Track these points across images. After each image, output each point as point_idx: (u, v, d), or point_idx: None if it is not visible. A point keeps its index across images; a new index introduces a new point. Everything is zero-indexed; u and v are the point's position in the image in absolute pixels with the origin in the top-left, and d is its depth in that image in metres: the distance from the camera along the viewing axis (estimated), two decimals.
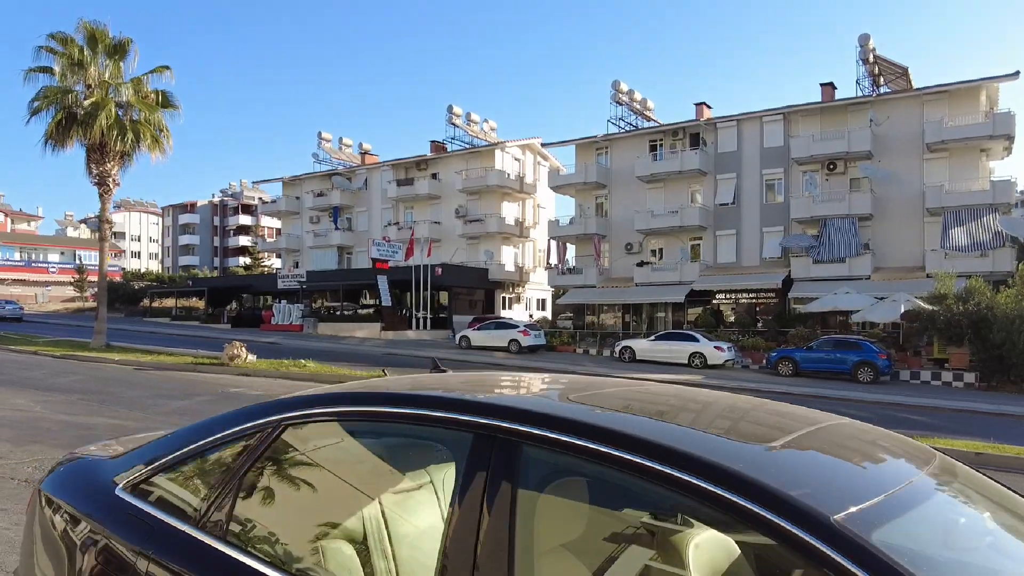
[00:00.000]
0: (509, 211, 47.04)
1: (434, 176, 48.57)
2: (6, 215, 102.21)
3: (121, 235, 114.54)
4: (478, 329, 33.30)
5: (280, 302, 43.97)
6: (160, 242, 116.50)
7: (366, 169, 52.41)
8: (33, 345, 24.08)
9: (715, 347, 26.90)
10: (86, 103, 21.35)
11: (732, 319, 36.72)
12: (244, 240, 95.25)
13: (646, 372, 23.92)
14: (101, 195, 23.09)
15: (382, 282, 37.82)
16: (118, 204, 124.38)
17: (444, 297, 42.78)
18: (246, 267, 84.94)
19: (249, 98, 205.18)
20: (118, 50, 21.99)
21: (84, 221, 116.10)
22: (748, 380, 22.94)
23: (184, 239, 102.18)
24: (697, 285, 36.17)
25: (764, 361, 28.19)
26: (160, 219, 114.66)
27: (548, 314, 53.02)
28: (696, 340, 27.34)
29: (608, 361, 28.86)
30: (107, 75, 22.09)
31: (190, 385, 15.59)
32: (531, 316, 50.59)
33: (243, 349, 18.66)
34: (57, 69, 21.26)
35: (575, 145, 43.11)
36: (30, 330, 34.59)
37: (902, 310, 26.36)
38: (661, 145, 40.59)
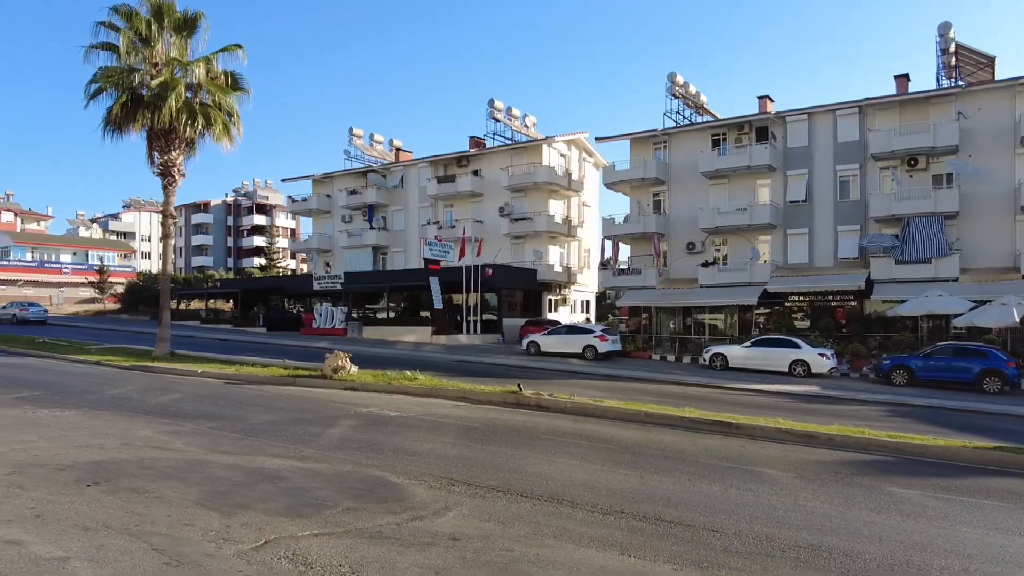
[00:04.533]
0: (556, 209, 44.94)
1: (475, 173, 46.43)
2: (16, 214, 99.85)
3: (131, 235, 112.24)
4: (548, 334, 31.24)
5: (322, 305, 41.80)
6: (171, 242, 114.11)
7: (402, 166, 50.24)
8: (89, 354, 22.01)
9: (819, 354, 24.93)
10: (153, 84, 19.18)
11: (806, 323, 34.65)
12: (259, 240, 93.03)
13: (748, 382, 21.92)
14: (165, 186, 20.96)
15: (434, 284, 35.68)
16: (127, 204, 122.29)
17: (489, 300, 40.66)
18: (261, 268, 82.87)
19: (267, 94, 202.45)
20: (187, 25, 19.85)
21: (95, 220, 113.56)
22: (869, 392, 20.94)
23: (197, 239, 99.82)
24: (771, 286, 34.12)
25: (867, 369, 26.22)
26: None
27: (592, 316, 51.02)
28: (798, 347, 25.33)
29: (697, 369, 26.81)
30: (173, 53, 19.93)
31: (314, 404, 13.56)
32: (588, 319, 48.57)
33: (347, 360, 16.61)
34: (122, 46, 19.06)
35: (630, 140, 41.04)
36: (61, 334, 32.53)
37: (1016, 315, 24.39)
38: (724, 140, 38.53)
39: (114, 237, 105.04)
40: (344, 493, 7.25)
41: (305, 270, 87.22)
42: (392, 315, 41.26)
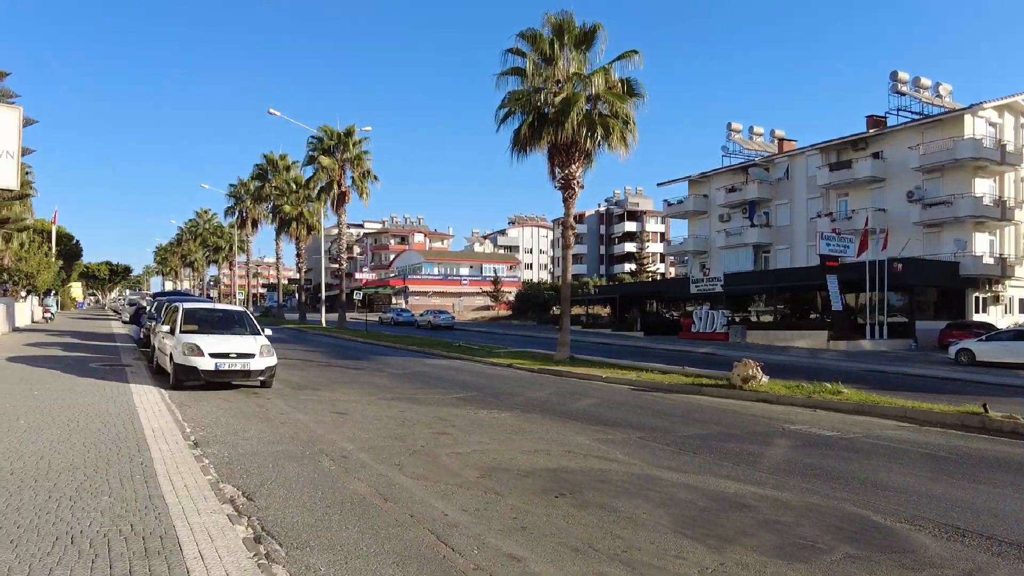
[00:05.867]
0: (983, 188, 37.28)
1: (876, 156, 40.93)
2: (425, 235, 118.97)
3: (516, 248, 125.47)
4: (985, 340, 25.68)
5: (702, 308, 40.79)
6: (549, 253, 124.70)
7: (786, 157, 46.78)
8: (498, 357, 23.93)
9: None
10: (556, 100, 20.13)
11: None
12: (629, 246, 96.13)
13: None
14: (565, 199, 21.91)
15: (832, 283, 32.08)
16: (512, 220, 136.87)
17: (893, 300, 35.22)
18: (631, 273, 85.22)
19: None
20: (585, 39, 20.49)
21: (486, 236, 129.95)
22: None
23: (573, 249, 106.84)
24: None
25: None
26: (549, 231, 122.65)
27: None
28: None
29: None
30: (572, 68, 20.73)
31: (733, 418, 12.44)
32: None
33: (758, 369, 15.13)
34: (528, 68, 20.41)
35: None
36: (468, 338, 36.47)
37: None
38: None
39: (501, 251, 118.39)
40: (831, 534, 5.96)
41: (673, 274, 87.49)
42: (775, 318, 38.35)
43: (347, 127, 42.20)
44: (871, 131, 41.93)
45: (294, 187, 52.34)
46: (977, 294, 37.90)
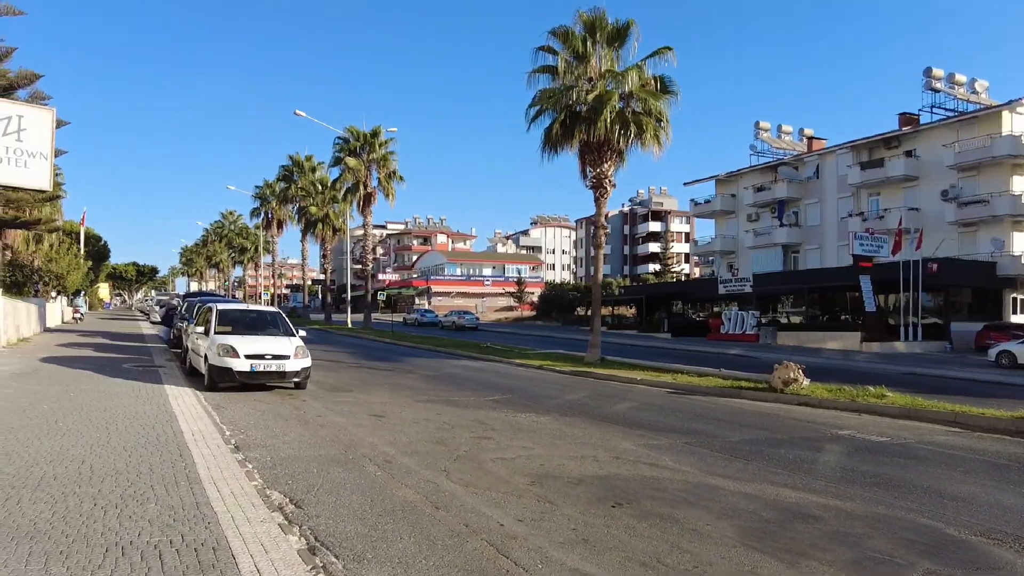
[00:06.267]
0: (1021, 186, 36.34)
1: (908, 154, 40.13)
2: (447, 236, 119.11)
3: (538, 249, 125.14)
4: None
5: (731, 309, 40.24)
6: (571, 253, 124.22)
7: (816, 156, 46.04)
8: (528, 358, 23.69)
9: None
10: (589, 98, 19.85)
11: None
12: (653, 247, 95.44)
13: None
14: (597, 198, 21.61)
15: (865, 283, 31.44)
16: (534, 220, 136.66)
17: (925, 301, 34.46)
18: (655, 274, 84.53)
19: None
20: (618, 36, 20.19)
21: (508, 237, 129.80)
22: None
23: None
24: None
25: None
26: (572, 232, 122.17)
27: None
28: None
29: None
30: (605, 65, 20.42)
31: (778, 422, 12.13)
32: None
33: (800, 372, 14.75)
34: (559, 66, 20.16)
35: None
36: (494, 339, 36.24)
37: None
38: None
39: (524, 251, 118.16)
40: (905, 547, 5.65)
41: (697, 274, 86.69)
42: (805, 319, 37.71)
43: (373, 128, 42.24)
44: (904, 129, 41.12)
45: (320, 188, 52.52)
46: (1015, 295, 37.00)
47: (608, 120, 19.34)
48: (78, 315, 45.91)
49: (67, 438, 8.45)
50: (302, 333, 14.81)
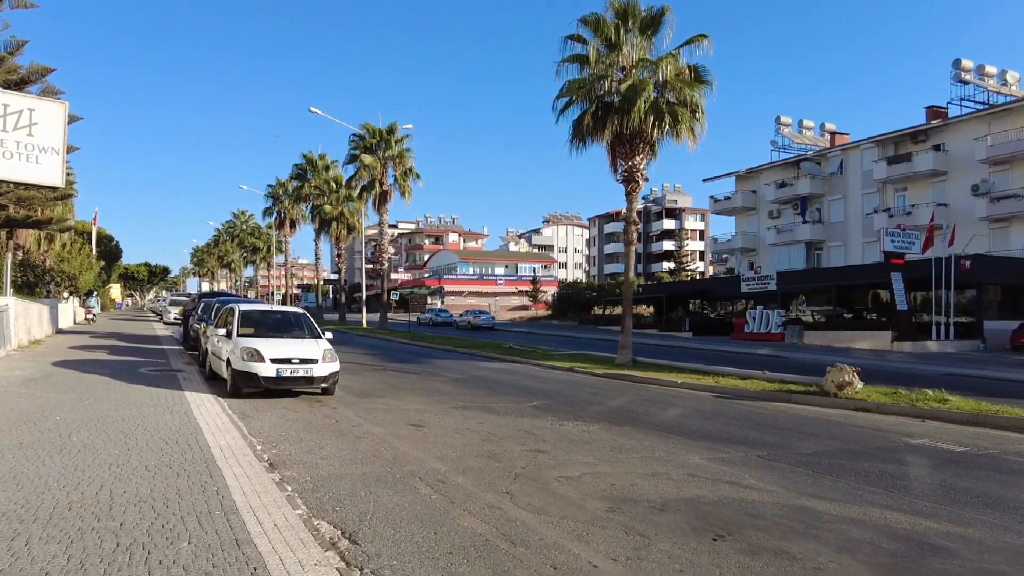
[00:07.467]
0: None
1: (937, 148, 39.02)
2: (459, 235, 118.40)
3: (550, 247, 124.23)
4: None
5: (756, 308, 39.24)
6: (584, 252, 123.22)
7: (840, 150, 44.96)
8: (555, 360, 22.86)
9: None
10: (622, 88, 18.95)
11: None
12: (668, 245, 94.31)
13: None
14: (628, 193, 20.75)
15: (897, 281, 30.42)
16: (546, 219, 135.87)
17: (958, 298, 33.42)
18: (670, 272, 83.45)
19: None
20: (652, 23, 19.28)
21: (521, 236, 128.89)
22: None
23: (609, 248, 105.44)
24: None
25: None
26: (585, 230, 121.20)
27: None
28: None
29: None
30: (637, 54, 19.52)
31: (841, 431, 11.20)
32: None
33: (855, 376, 13.85)
34: (590, 55, 19.26)
35: None
36: (514, 339, 35.44)
37: None
38: None
39: (536, 250, 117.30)
40: None
41: (712, 272, 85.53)
42: (832, 318, 36.69)
43: (389, 124, 41.43)
44: (932, 122, 40.01)
45: (334, 187, 51.79)
46: None
47: (642, 111, 18.46)
48: (91, 316, 45.38)
49: (83, 455, 7.65)
50: (328, 335, 14.00)
